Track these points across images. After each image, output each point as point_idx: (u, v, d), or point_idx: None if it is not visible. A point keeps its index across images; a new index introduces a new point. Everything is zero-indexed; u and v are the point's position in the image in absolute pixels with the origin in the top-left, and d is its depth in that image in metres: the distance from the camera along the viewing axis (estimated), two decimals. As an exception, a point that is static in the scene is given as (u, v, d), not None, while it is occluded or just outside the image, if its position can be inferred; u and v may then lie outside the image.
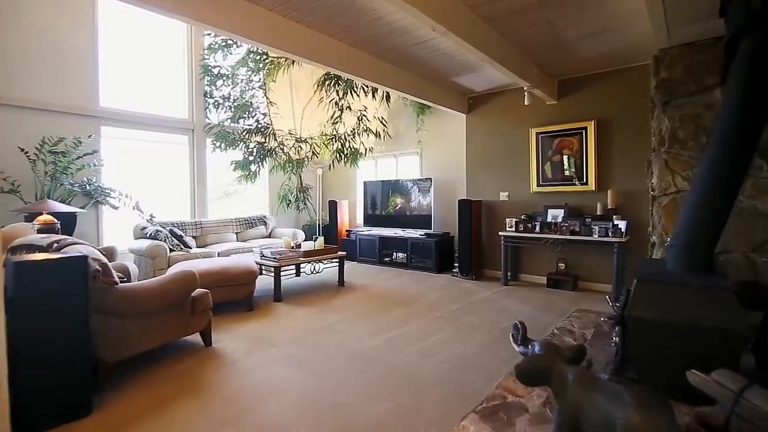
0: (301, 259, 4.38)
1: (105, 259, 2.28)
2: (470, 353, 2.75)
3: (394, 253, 6.09)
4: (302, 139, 6.28)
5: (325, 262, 4.72)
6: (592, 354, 2.64)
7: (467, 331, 3.21)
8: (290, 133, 6.19)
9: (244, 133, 5.93)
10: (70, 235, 4.53)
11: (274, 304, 4.02)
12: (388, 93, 5.92)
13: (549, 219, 4.67)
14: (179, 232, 4.97)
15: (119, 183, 5.08)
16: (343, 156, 6.41)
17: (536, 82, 4.24)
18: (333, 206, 7.01)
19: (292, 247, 4.78)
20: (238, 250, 5.32)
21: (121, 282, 2.46)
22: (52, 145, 4.27)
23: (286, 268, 4.27)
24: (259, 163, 6.07)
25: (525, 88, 4.27)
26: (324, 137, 6.33)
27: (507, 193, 5.25)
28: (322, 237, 4.76)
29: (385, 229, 6.38)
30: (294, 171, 6.34)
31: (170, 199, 5.79)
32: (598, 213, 4.40)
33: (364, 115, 6.30)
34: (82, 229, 4.76)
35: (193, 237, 5.48)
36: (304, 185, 7.23)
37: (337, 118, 6.22)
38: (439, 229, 5.95)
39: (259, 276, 4.16)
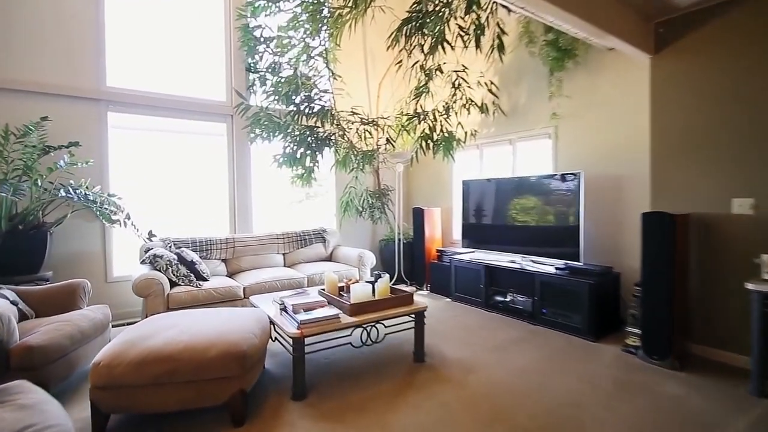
0: (343, 320, 2.47)
1: None
2: None
3: (510, 295, 3.83)
4: (370, 120, 4.39)
5: (390, 321, 2.73)
6: None
7: None
8: (354, 112, 4.35)
9: (290, 115, 4.21)
10: (38, 265, 3.11)
11: (291, 406, 2.19)
12: (500, 38, 3.70)
13: None
14: (191, 257, 3.49)
15: (130, 187, 3.86)
16: (431, 144, 4.37)
17: None
18: (418, 216, 5.01)
19: (340, 291, 2.92)
20: (278, 283, 3.66)
21: None
22: (21, 136, 3.10)
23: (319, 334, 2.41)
24: (314, 157, 4.32)
25: None
26: (403, 117, 4.36)
27: (751, 201, 2.63)
28: (387, 276, 2.78)
29: (496, 254, 4.15)
30: (360, 167, 4.49)
31: (203, 208, 4.43)
32: None
33: (464, 80, 4.17)
34: (83, 247, 3.60)
35: (223, 260, 4.01)
36: (382, 186, 5.38)
37: (422, 87, 4.20)
38: (594, 259, 3.54)
39: (271, 342, 2.41)
